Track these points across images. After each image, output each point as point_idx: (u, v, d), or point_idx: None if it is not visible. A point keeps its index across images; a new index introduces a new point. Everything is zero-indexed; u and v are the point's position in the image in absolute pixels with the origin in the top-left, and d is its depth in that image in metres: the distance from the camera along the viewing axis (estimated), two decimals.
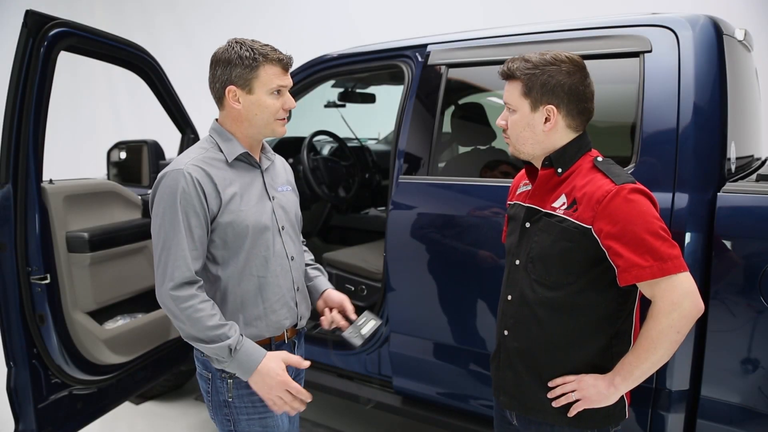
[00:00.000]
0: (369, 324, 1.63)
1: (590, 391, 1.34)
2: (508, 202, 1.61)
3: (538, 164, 1.45)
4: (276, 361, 1.49)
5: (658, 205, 1.34)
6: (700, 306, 1.27)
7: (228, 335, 1.44)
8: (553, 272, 1.37)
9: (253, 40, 1.52)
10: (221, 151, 1.54)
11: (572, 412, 1.37)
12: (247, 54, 1.48)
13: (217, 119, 1.60)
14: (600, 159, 1.38)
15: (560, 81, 1.34)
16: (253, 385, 1.49)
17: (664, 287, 1.26)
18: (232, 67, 1.48)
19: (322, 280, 1.80)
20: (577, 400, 1.36)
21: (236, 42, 1.51)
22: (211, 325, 1.42)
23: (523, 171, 1.55)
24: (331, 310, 1.74)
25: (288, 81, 1.55)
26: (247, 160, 1.58)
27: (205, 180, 1.46)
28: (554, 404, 1.38)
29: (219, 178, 1.49)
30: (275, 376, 1.47)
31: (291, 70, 1.58)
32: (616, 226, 1.27)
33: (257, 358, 1.47)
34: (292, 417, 1.75)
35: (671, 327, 1.25)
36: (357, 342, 1.68)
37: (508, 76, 1.40)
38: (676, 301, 1.25)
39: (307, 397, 1.50)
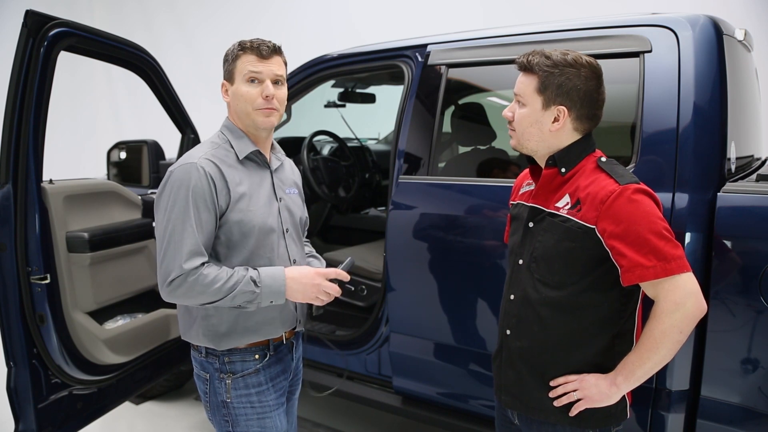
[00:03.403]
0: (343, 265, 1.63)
1: (592, 390, 1.34)
2: (511, 202, 1.60)
3: (539, 162, 1.45)
4: (296, 268, 1.51)
5: (661, 205, 1.34)
6: (703, 306, 1.28)
7: (243, 273, 1.45)
8: (556, 272, 1.37)
9: (251, 38, 1.53)
10: (232, 148, 1.53)
11: (573, 412, 1.37)
12: (232, 49, 1.52)
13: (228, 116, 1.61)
14: (604, 159, 1.38)
15: (576, 85, 1.34)
16: (296, 297, 1.49)
17: (668, 287, 1.26)
18: (223, 63, 1.54)
19: (314, 263, 1.76)
20: (578, 400, 1.36)
21: (236, 42, 1.53)
22: (225, 276, 1.43)
23: (526, 170, 1.56)
24: None
25: (266, 68, 1.49)
26: (257, 159, 1.57)
27: (217, 175, 1.46)
28: (556, 403, 1.38)
29: (230, 175, 1.49)
30: (307, 276, 1.49)
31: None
32: (619, 226, 1.27)
33: (279, 273, 1.48)
34: (290, 417, 1.75)
35: (674, 327, 1.25)
36: None
37: (526, 68, 1.38)
38: (679, 301, 1.25)
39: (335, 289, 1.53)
